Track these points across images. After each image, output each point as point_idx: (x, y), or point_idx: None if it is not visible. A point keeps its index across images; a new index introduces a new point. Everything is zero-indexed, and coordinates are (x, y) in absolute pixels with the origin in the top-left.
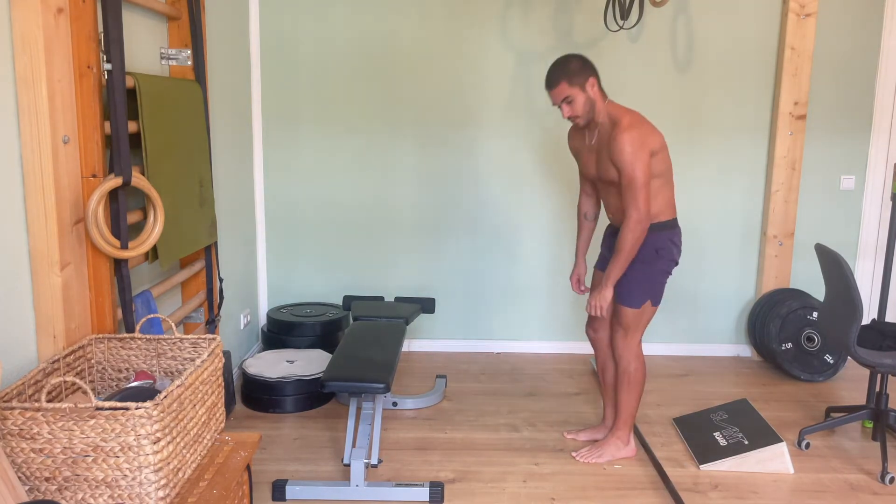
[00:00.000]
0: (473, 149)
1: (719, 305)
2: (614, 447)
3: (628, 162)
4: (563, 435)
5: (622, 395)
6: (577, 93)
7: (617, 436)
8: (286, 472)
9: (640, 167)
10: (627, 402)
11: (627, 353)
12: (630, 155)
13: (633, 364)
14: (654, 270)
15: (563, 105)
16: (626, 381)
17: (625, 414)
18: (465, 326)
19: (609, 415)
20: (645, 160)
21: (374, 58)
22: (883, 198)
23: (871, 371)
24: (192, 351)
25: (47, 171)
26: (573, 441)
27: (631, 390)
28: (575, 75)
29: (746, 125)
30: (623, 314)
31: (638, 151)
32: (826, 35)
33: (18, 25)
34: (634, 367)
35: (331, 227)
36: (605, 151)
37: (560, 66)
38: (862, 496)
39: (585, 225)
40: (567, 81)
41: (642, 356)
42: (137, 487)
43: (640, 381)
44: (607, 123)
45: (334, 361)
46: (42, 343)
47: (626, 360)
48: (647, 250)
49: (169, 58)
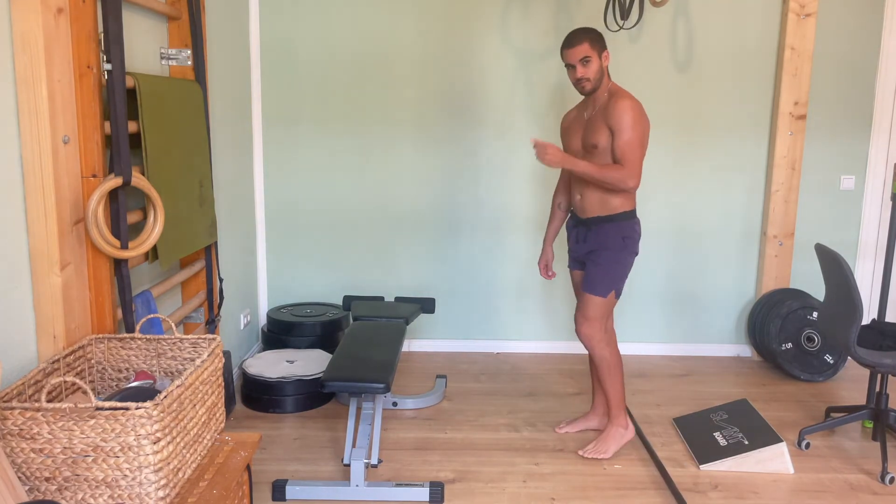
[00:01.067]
0: (473, 149)
1: (719, 305)
2: (617, 435)
3: (628, 125)
4: (555, 430)
5: (606, 383)
6: (595, 57)
7: (615, 424)
8: (286, 472)
9: (640, 133)
10: (612, 386)
11: (594, 340)
12: (632, 119)
13: (606, 349)
14: (621, 260)
15: (578, 65)
16: (604, 367)
17: (614, 399)
18: (465, 326)
19: (598, 402)
20: (644, 130)
21: (374, 57)
22: (883, 198)
23: (871, 371)
24: (192, 351)
25: (47, 171)
26: (566, 433)
27: (611, 374)
28: (597, 41)
29: (746, 125)
30: (589, 303)
31: (639, 119)
32: (826, 35)
33: (18, 25)
34: (608, 351)
35: (331, 227)
36: (602, 117)
37: (584, 30)
38: (862, 496)
39: (558, 214)
40: (590, 43)
41: (613, 339)
42: (137, 487)
43: (617, 363)
44: (605, 98)
45: (334, 361)
46: (42, 343)
47: (598, 347)
48: (614, 238)
49: (169, 58)
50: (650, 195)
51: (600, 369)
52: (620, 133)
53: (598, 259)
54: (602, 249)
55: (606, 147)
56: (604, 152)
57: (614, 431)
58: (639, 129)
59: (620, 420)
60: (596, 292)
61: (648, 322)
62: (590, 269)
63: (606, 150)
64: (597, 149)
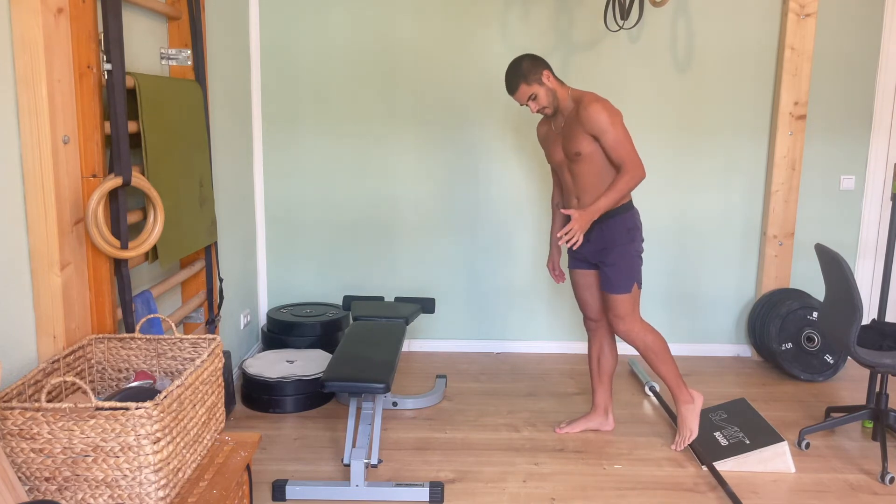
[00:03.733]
0: (473, 149)
1: (719, 305)
2: (690, 413)
3: (608, 123)
4: (554, 431)
5: (658, 369)
6: (537, 88)
7: (682, 402)
8: (286, 472)
9: (621, 126)
10: (666, 371)
11: (634, 334)
12: (607, 117)
13: (648, 337)
14: (632, 252)
15: (529, 103)
16: (651, 355)
17: (671, 381)
18: (465, 326)
19: (599, 401)
20: (621, 121)
21: (374, 57)
22: (883, 198)
23: (871, 371)
24: (192, 351)
25: (47, 171)
26: (567, 434)
27: (661, 360)
28: (529, 74)
29: (746, 125)
30: (616, 302)
31: (613, 115)
32: (826, 35)
33: (18, 25)
34: (651, 339)
35: (331, 227)
36: (576, 125)
37: (513, 71)
38: (862, 496)
39: (558, 214)
40: (524, 82)
41: (649, 326)
42: (137, 487)
43: (664, 346)
44: (571, 106)
45: (334, 361)
46: (42, 343)
47: (639, 339)
48: (620, 231)
49: (169, 58)
50: (650, 195)
51: (648, 357)
52: (604, 135)
53: (610, 259)
54: (612, 247)
55: (591, 151)
56: (590, 157)
57: (686, 410)
58: (618, 123)
59: (685, 396)
60: (619, 291)
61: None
62: (605, 272)
63: (592, 154)
64: (581, 155)
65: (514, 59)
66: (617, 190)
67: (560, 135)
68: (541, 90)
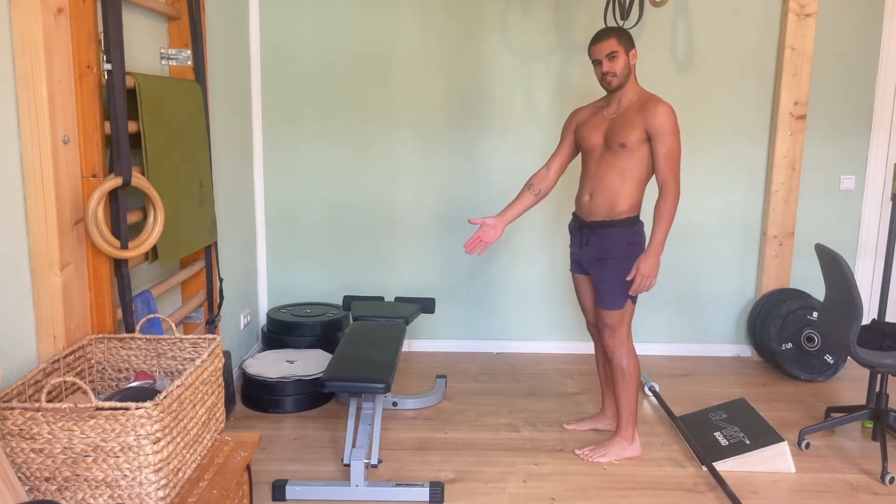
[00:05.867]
0: (473, 149)
1: (719, 305)
2: (619, 447)
3: (671, 131)
4: (563, 426)
5: (620, 393)
6: (622, 53)
7: (621, 436)
8: (286, 472)
9: (679, 142)
10: (626, 398)
11: (619, 349)
12: (674, 125)
13: (626, 359)
14: (627, 268)
15: (605, 59)
16: (620, 376)
17: (625, 411)
18: (465, 326)
19: (608, 404)
20: (680, 140)
21: (374, 57)
22: (883, 198)
23: (871, 371)
24: (192, 351)
25: (47, 171)
26: (573, 431)
27: (627, 385)
28: (625, 38)
29: (746, 125)
30: (608, 316)
31: (678, 128)
32: (826, 35)
33: (18, 25)
34: (627, 361)
35: (331, 227)
36: (636, 117)
37: (612, 28)
38: (862, 496)
39: (528, 198)
40: (617, 38)
41: (634, 351)
42: (137, 487)
43: (636, 374)
44: (636, 100)
45: (334, 361)
46: (42, 343)
47: (619, 355)
48: (619, 243)
49: (169, 58)
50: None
51: (616, 377)
52: (663, 138)
53: (604, 273)
54: (608, 259)
55: (636, 145)
56: (629, 153)
57: (618, 441)
58: (678, 138)
59: (627, 434)
60: (610, 307)
61: (648, 322)
62: (599, 285)
63: (635, 148)
64: (625, 147)
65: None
66: (668, 216)
67: (609, 120)
68: (623, 57)
